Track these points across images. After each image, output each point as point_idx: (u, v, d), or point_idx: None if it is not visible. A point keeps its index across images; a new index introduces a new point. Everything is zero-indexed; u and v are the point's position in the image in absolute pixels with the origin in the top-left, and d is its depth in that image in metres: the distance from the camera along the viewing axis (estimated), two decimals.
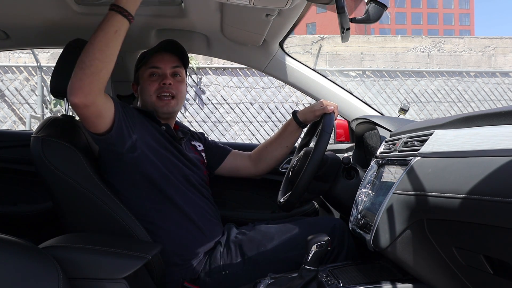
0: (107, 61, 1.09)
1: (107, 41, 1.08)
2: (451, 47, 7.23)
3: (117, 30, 1.09)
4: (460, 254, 0.78)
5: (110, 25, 1.08)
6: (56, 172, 1.19)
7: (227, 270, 1.29)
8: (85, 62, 1.08)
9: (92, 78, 1.08)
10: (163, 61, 1.44)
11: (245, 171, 1.63)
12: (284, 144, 1.57)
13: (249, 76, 5.90)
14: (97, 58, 1.08)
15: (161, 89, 1.41)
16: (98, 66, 1.08)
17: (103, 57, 1.08)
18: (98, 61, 1.08)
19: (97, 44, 1.08)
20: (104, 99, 1.16)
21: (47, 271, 0.87)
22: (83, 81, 1.08)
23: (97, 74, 1.09)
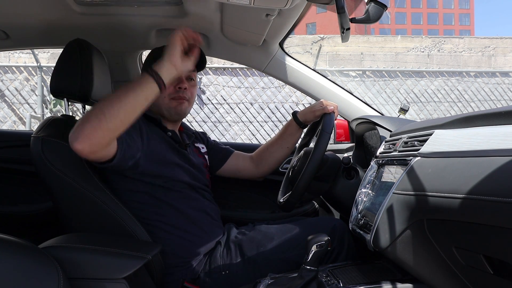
0: (127, 122, 1.06)
1: (135, 105, 1.05)
2: (451, 47, 7.23)
3: (148, 97, 1.07)
4: (460, 254, 0.78)
5: (144, 90, 1.06)
6: (56, 172, 1.19)
7: (227, 270, 1.29)
8: (106, 115, 1.02)
9: (106, 133, 1.03)
10: None
11: (246, 172, 1.63)
12: (285, 145, 1.57)
13: (249, 76, 5.90)
14: (119, 118, 1.03)
15: (176, 93, 1.39)
16: (117, 125, 1.04)
17: (125, 118, 1.04)
18: (120, 121, 1.04)
19: (124, 105, 1.03)
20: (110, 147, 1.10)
21: (47, 271, 0.87)
22: (96, 133, 1.01)
23: (113, 131, 1.04)
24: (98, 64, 1.37)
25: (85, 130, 1.01)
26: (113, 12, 1.51)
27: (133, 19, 1.57)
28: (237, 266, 1.30)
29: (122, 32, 1.67)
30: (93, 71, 1.34)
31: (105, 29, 1.64)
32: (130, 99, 1.04)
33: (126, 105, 1.04)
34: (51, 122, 1.29)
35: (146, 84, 1.07)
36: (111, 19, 1.57)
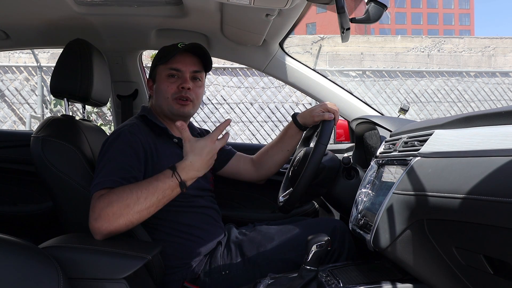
0: (147, 216, 1.10)
1: (158, 206, 1.10)
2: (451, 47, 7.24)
3: (168, 199, 1.11)
4: (460, 254, 0.78)
5: (168, 195, 1.10)
6: (56, 172, 1.19)
7: (227, 270, 1.29)
8: (129, 211, 1.06)
9: (124, 224, 1.07)
10: (184, 63, 1.36)
11: (247, 175, 1.61)
12: (285, 148, 1.55)
13: (249, 76, 5.90)
14: (144, 215, 1.08)
15: (179, 93, 1.34)
16: (138, 220, 1.08)
17: (147, 215, 1.09)
18: (141, 217, 1.08)
19: (150, 205, 1.08)
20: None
21: (47, 271, 0.87)
22: (116, 222, 1.06)
23: (132, 224, 1.08)
24: (98, 64, 1.37)
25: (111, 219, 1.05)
26: (113, 12, 1.51)
27: (133, 19, 1.57)
28: (237, 266, 1.30)
29: (122, 32, 1.67)
30: (93, 71, 1.34)
31: (105, 29, 1.64)
32: (155, 202, 1.09)
33: (150, 208, 1.09)
34: (51, 122, 1.29)
35: (172, 193, 1.11)
36: (111, 19, 1.57)
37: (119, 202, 1.06)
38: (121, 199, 1.06)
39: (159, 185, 1.09)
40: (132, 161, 1.20)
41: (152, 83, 1.42)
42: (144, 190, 1.08)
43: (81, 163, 1.22)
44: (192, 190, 1.35)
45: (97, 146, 1.38)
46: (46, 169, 1.19)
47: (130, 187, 1.09)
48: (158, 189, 1.09)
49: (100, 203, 1.07)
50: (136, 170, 1.20)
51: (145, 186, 1.09)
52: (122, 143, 1.22)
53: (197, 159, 1.12)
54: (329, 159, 1.37)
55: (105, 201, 1.06)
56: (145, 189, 1.08)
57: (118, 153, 1.20)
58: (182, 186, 1.11)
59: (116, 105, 1.96)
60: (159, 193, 1.09)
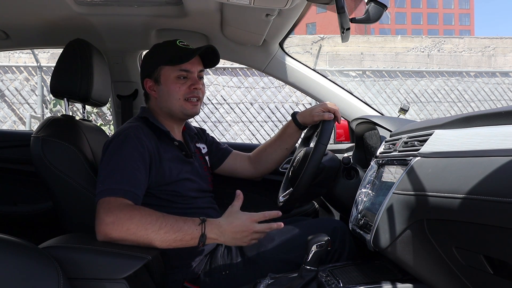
0: (154, 247, 1.09)
1: (170, 242, 1.10)
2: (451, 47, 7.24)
3: (182, 244, 1.11)
4: (460, 254, 0.78)
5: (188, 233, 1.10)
6: (56, 172, 1.19)
7: (227, 271, 1.29)
8: (148, 238, 1.07)
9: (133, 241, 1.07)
10: (193, 64, 1.37)
11: (244, 172, 1.62)
12: (284, 146, 1.55)
13: (249, 76, 5.90)
14: (152, 243, 1.08)
15: (191, 94, 1.36)
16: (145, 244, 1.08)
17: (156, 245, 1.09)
18: (158, 246, 1.09)
19: (171, 242, 1.09)
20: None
21: (47, 271, 0.87)
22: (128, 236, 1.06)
23: (138, 244, 1.08)
24: (98, 64, 1.37)
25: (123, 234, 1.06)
26: (113, 12, 1.51)
27: (133, 19, 1.57)
28: (237, 267, 1.30)
29: (122, 32, 1.67)
30: (93, 71, 1.34)
31: (105, 29, 1.64)
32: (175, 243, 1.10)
33: (169, 244, 1.09)
34: (51, 122, 1.29)
35: (193, 237, 1.11)
36: (111, 19, 1.57)
37: (140, 223, 1.07)
38: (143, 221, 1.07)
39: (184, 228, 1.10)
40: (140, 168, 1.20)
41: (153, 83, 1.39)
42: (168, 225, 1.09)
43: (81, 163, 1.22)
44: (192, 191, 1.35)
45: (97, 146, 1.38)
46: (46, 169, 1.19)
47: (157, 215, 1.10)
48: (181, 230, 1.10)
49: (121, 213, 1.08)
50: (144, 176, 1.21)
51: (170, 222, 1.10)
52: (130, 148, 1.22)
53: (227, 223, 1.14)
54: (329, 159, 1.37)
55: (127, 214, 1.08)
56: (169, 225, 1.09)
57: (127, 159, 1.20)
58: (202, 238, 1.11)
59: (116, 105, 1.96)
60: (180, 234, 1.09)
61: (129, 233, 1.06)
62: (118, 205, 1.09)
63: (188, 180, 1.35)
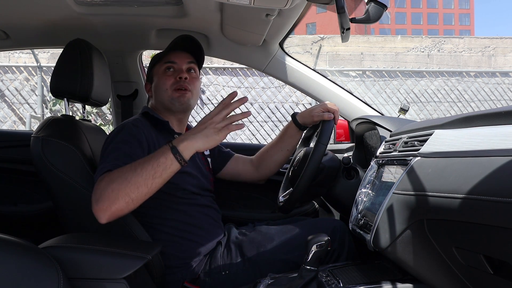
0: (149, 195, 1.08)
1: (159, 185, 1.07)
2: (451, 47, 7.24)
3: (170, 176, 1.08)
4: (460, 254, 0.78)
5: (167, 171, 1.06)
6: (56, 172, 1.19)
7: (227, 271, 1.29)
8: (129, 194, 1.04)
9: (131, 207, 1.06)
10: (179, 57, 1.43)
11: (247, 176, 1.61)
12: (285, 148, 1.55)
13: (249, 76, 5.91)
14: (144, 194, 1.06)
15: (177, 83, 1.39)
16: (140, 201, 1.07)
17: (148, 195, 1.07)
18: (144, 197, 1.06)
19: (150, 184, 1.05)
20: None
21: (47, 271, 0.87)
22: (122, 208, 1.05)
23: (134, 206, 1.07)
24: (98, 64, 1.37)
25: (107, 206, 1.04)
26: (113, 12, 1.51)
27: (133, 19, 1.57)
28: (237, 267, 1.30)
29: (122, 32, 1.67)
30: (93, 71, 1.34)
31: (105, 29, 1.64)
32: (154, 180, 1.06)
33: (151, 186, 1.06)
34: (51, 122, 1.29)
35: (171, 168, 1.07)
36: (111, 19, 1.57)
37: (118, 178, 1.05)
38: (120, 174, 1.05)
39: (155, 154, 1.07)
40: (136, 150, 1.21)
41: (150, 84, 1.47)
42: (142, 161, 1.07)
43: (81, 163, 1.22)
44: (192, 187, 1.35)
45: (97, 146, 1.38)
46: (46, 169, 1.19)
47: (129, 165, 1.08)
48: (154, 157, 1.07)
49: (101, 184, 1.06)
50: (140, 152, 1.21)
51: (143, 159, 1.08)
52: (125, 134, 1.24)
53: (194, 130, 1.10)
54: (329, 159, 1.37)
55: (106, 180, 1.06)
56: (143, 160, 1.07)
57: (122, 143, 1.21)
58: (174, 150, 1.06)
59: (116, 105, 1.96)
60: (154, 161, 1.06)
61: (115, 195, 1.03)
62: (99, 181, 1.08)
63: (187, 174, 1.35)
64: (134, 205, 1.06)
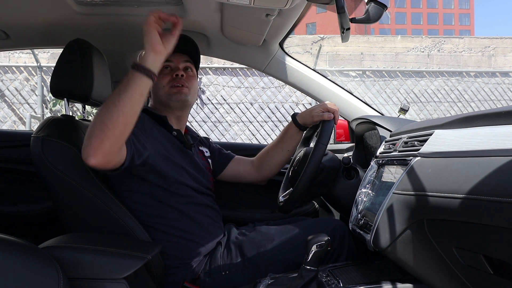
0: (131, 122, 1.06)
1: (133, 104, 1.05)
2: (451, 47, 7.23)
3: (142, 92, 1.07)
4: (460, 254, 0.78)
5: (136, 88, 1.05)
6: (56, 172, 1.19)
7: (227, 271, 1.29)
8: (107, 124, 1.02)
9: (114, 141, 1.03)
10: (175, 57, 1.44)
11: (248, 177, 1.62)
12: (286, 148, 1.55)
13: (249, 76, 5.90)
14: (121, 122, 1.03)
15: (174, 81, 1.41)
16: (122, 130, 1.04)
17: (127, 120, 1.04)
18: (123, 125, 1.04)
19: (122, 107, 1.03)
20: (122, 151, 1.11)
21: (47, 271, 0.87)
22: (104, 144, 1.02)
23: (120, 136, 1.04)
24: (98, 64, 1.37)
25: (94, 144, 1.02)
26: (113, 12, 1.51)
27: (133, 19, 1.57)
28: (237, 267, 1.30)
29: (122, 32, 1.67)
30: (93, 71, 1.34)
31: (105, 29, 1.64)
32: (125, 101, 1.04)
33: (124, 108, 1.03)
34: (51, 122, 1.29)
35: (137, 81, 1.06)
36: (111, 19, 1.57)
37: (102, 112, 1.04)
38: (103, 109, 1.04)
39: (125, 79, 1.07)
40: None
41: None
42: (117, 89, 1.06)
43: (81, 163, 1.22)
44: (192, 182, 1.36)
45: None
46: (46, 169, 1.19)
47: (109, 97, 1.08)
48: (124, 81, 1.06)
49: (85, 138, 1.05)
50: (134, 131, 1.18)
51: (117, 88, 1.07)
52: None
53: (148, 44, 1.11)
54: (329, 159, 1.37)
55: (91, 123, 1.05)
56: (118, 88, 1.06)
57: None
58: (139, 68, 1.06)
59: None
60: (126, 84, 1.05)
61: (92, 126, 1.03)
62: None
63: (185, 170, 1.35)
64: (114, 134, 1.03)
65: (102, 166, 1.06)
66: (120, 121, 1.03)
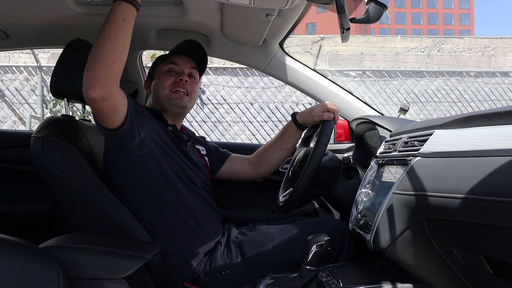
0: (119, 50, 1.10)
1: (117, 30, 1.10)
2: (451, 47, 7.23)
3: (124, 18, 1.11)
4: (460, 254, 0.78)
5: (118, 14, 1.10)
6: (56, 172, 1.19)
7: (227, 270, 1.29)
8: (98, 54, 1.08)
9: (107, 70, 1.09)
10: (182, 61, 1.47)
11: (245, 174, 1.62)
12: (284, 147, 1.56)
13: (249, 76, 5.90)
14: (110, 49, 1.09)
15: (177, 84, 1.43)
16: (112, 57, 1.09)
17: (115, 47, 1.09)
18: (111, 52, 1.09)
19: (107, 35, 1.09)
20: (120, 92, 1.17)
21: (47, 271, 0.87)
22: (99, 73, 1.09)
23: (112, 64, 1.09)
24: None
25: (91, 76, 1.09)
26: None
27: None
28: (237, 266, 1.30)
29: None
30: None
31: None
32: (110, 28, 1.09)
33: (109, 35, 1.09)
34: (51, 122, 1.29)
35: (117, 8, 1.10)
36: None
37: (91, 49, 1.10)
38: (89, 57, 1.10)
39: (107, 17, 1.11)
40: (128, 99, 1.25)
41: (150, 82, 1.51)
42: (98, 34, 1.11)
43: (81, 163, 1.22)
44: (189, 175, 1.37)
45: (97, 146, 1.38)
46: (46, 169, 1.19)
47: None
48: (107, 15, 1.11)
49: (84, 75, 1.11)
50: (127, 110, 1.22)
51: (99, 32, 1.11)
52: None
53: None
54: (329, 159, 1.37)
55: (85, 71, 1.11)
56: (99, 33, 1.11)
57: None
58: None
59: None
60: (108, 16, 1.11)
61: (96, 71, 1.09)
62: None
63: (181, 162, 1.36)
64: (106, 62, 1.08)
65: (103, 102, 1.11)
66: (108, 48, 1.08)
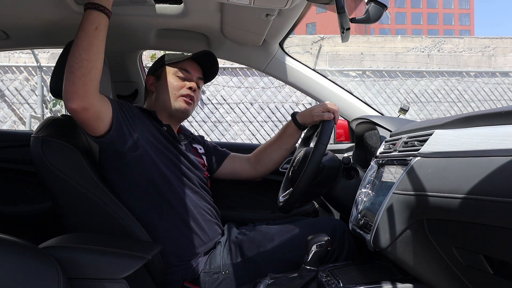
0: (94, 59, 1.10)
1: (90, 39, 1.10)
2: (451, 47, 7.24)
3: (97, 26, 1.11)
4: (460, 254, 0.78)
5: (90, 22, 1.10)
6: (56, 172, 1.19)
7: (227, 270, 1.29)
8: (73, 65, 1.09)
9: (84, 80, 1.09)
10: (194, 69, 1.49)
11: (244, 173, 1.62)
12: (284, 146, 1.56)
13: (249, 76, 5.90)
14: (84, 59, 1.09)
15: (187, 92, 1.44)
16: (87, 66, 1.09)
17: (89, 56, 1.09)
18: (86, 61, 1.09)
19: (81, 44, 1.09)
20: (100, 100, 1.16)
21: (47, 271, 0.87)
22: (76, 84, 1.09)
23: (88, 74, 1.09)
24: None
25: (68, 88, 1.10)
26: (113, 12, 1.51)
27: (133, 19, 1.57)
28: (237, 266, 1.30)
29: (122, 32, 1.67)
30: None
31: None
32: (82, 37, 1.09)
33: (82, 44, 1.09)
34: (51, 122, 1.29)
35: (88, 17, 1.11)
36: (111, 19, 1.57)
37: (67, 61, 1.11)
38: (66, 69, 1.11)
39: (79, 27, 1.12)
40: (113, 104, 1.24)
41: (155, 80, 1.49)
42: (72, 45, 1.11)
43: (81, 163, 1.22)
44: (186, 174, 1.37)
45: (97, 145, 1.38)
46: (46, 169, 1.19)
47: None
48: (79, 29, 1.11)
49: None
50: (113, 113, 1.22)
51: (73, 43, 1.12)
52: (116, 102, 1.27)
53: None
54: (329, 159, 1.37)
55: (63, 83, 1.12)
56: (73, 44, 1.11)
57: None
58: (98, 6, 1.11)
59: None
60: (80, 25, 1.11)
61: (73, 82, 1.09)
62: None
63: (177, 161, 1.36)
64: (82, 73, 1.08)
65: (84, 112, 1.11)
66: (83, 57, 1.08)
